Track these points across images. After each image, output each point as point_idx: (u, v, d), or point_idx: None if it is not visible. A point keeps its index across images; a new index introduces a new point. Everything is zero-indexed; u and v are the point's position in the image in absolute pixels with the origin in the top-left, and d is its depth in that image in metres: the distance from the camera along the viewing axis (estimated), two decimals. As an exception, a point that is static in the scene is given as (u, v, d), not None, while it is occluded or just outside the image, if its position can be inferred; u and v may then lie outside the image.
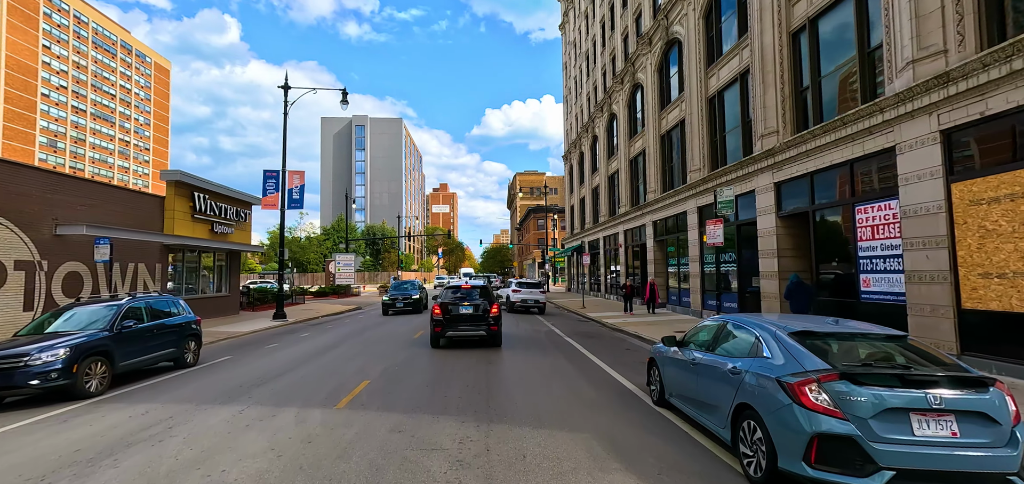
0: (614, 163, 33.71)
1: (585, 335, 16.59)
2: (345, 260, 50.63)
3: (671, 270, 23.76)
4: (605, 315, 22.31)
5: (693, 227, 20.63)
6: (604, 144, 36.05)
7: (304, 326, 20.99)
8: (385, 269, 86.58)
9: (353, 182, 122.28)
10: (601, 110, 36.45)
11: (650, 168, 25.76)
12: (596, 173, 39.00)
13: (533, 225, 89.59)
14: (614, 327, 18.12)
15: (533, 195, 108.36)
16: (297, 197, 23.44)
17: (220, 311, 24.17)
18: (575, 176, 47.35)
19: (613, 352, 12.83)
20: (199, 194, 21.77)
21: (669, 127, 23.97)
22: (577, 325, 19.91)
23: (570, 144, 48.85)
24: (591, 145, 40.72)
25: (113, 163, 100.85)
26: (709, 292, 19.66)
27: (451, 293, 13.52)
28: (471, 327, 13.02)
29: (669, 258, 23.94)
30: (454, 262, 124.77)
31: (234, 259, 25.80)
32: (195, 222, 21.77)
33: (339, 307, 31.42)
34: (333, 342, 15.59)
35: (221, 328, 18.90)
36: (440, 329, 12.96)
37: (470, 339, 13.87)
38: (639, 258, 28.15)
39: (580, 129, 44.30)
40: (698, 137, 20.23)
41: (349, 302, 37.56)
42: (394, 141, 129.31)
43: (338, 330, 19.35)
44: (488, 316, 13.06)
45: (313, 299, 42.36)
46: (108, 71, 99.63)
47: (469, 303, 13.15)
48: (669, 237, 23.94)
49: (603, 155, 36.20)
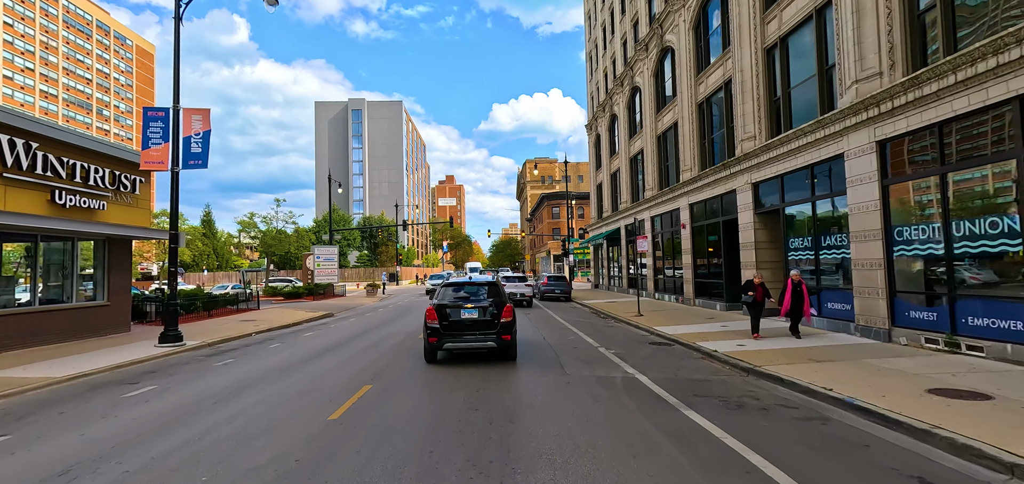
0: (667, 116, 24.71)
1: (720, 405, 7.66)
2: (325, 254, 42.08)
3: (797, 257, 14.78)
4: (694, 331, 13.44)
5: (863, 180, 11.68)
6: (650, 94, 27.01)
7: (208, 355, 12.39)
8: (383, 265, 78.11)
9: (350, 171, 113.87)
10: (645, 49, 27.40)
11: (743, 97, 16.73)
12: (637, 136, 29.98)
13: (547, 213, 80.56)
14: (773, 379, 9.13)
15: (545, 184, 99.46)
16: (199, 150, 14.75)
17: (95, 328, 15.75)
18: (603, 148, 38.33)
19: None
20: (16, 140, 13.13)
21: (800, 20, 15.02)
22: (669, 361, 11.04)
23: (597, 108, 39.77)
24: (628, 101, 31.67)
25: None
26: (909, 294, 10.73)
27: (451, 292, 10.57)
28: (477, 336, 10.02)
29: (794, 237, 14.96)
30: (461, 257, 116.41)
31: (117, 249, 17.24)
32: (7, 185, 13.14)
33: (301, 315, 22.83)
34: (235, 387, 7.36)
35: (36, 370, 10.26)
36: (436, 339, 10.06)
37: (476, 352, 10.81)
38: (720, 241, 19.20)
39: (612, 85, 35.23)
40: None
41: (320, 307, 28.94)
42: (394, 126, 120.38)
43: (263, 360, 11.09)
44: (498, 322, 10.03)
45: (281, 303, 33.85)
46: (82, 53, 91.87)
47: (474, 305, 10.20)
48: (791, 204, 15.00)
49: (649, 109, 27.16)
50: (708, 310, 19.34)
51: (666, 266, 25.40)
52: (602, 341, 13.50)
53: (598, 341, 13.50)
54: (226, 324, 19.32)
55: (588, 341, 13.56)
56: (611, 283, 37.55)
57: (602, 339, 13.88)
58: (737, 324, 14.92)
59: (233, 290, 32.38)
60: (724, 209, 18.89)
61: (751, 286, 12.34)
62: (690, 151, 21.66)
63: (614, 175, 36.59)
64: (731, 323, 15.26)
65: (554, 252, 75.79)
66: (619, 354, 11.38)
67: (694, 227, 21.68)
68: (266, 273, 53.50)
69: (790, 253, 14.95)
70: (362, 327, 18.50)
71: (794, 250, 14.84)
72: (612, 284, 37.16)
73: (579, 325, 17.36)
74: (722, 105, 19.50)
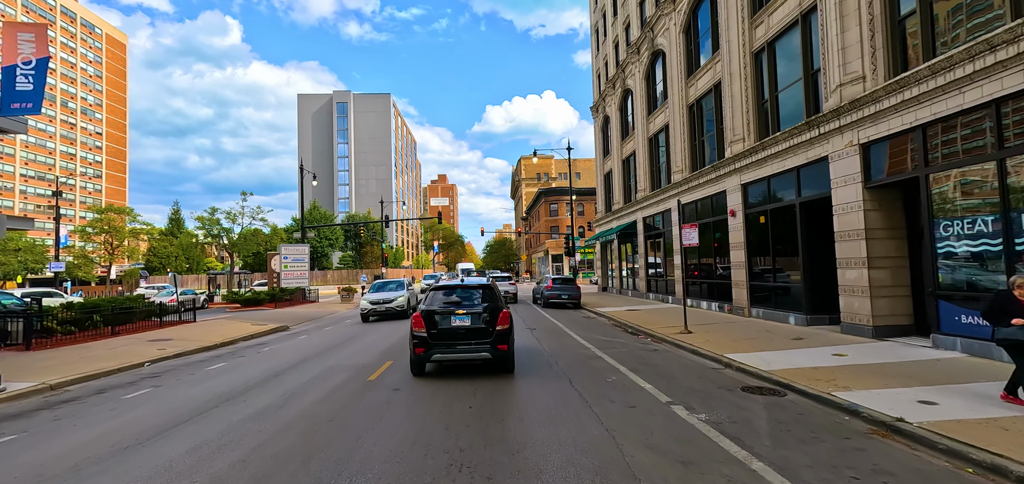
0: (704, 78, 19.72)
1: None
2: (295, 253, 36.83)
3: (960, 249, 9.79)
4: (806, 367, 8.37)
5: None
6: (679, 57, 22.00)
7: (16, 415, 7.15)
8: (368, 265, 72.61)
9: (335, 167, 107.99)
10: (672, 1, 22.43)
11: (837, 28, 11.77)
12: (658, 111, 25.00)
13: (544, 211, 75.53)
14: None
15: (540, 181, 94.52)
16: (28, 87, 9.51)
17: None
18: (613, 131, 33.31)
19: None
20: None
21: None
22: (840, 452, 5.94)
23: (605, 86, 34.75)
24: (647, 70, 26.68)
25: (54, 148, 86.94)
26: None
27: (442, 297, 9.44)
28: (470, 346, 8.91)
29: (959, 217, 9.88)
30: (454, 258, 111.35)
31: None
32: None
33: (242, 330, 17.55)
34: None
35: None
36: (423, 349, 8.98)
37: (469, 364, 9.72)
38: (797, 232, 14.15)
39: (625, 55, 30.22)
40: None
41: (274, 319, 23.72)
42: (382, 120, 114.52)
43: (71, 436, 5.56)
44: (493, 329, 8.93)
45: (235, 312, 28.58)
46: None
47: (466, 311, 9.09)
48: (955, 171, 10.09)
49: (678, 74, 22.15)
50: (778, 324, 14.33)
51: (709, 265, 20.33)
52: (659, 383, 8.40)
53: (653, 383, 8.40)
54: (122, 347, 14.03)
55: (638, 383, 8.45)
56: (623, 286, 32.53)
57: (656, 378, 8.78)
58: (856, 349, 9.86)
59: (164, 296, 26.95)
60: (804, 187, 13.88)
61: (1011, 303, 6.02)
62: (742, 115, 16.66)
63: (626, 161, 31.58)
64: (848, 349, 10.19)
65: (553, 252, 70.72)
66: (711, 421, 6.28)
67: (748, 214, 16.67)
68: (229, 277, 47.86)
69: (943, 245, 9.92)
70: (310, 350, 13.27)
71: (948, 240, 9.81)
72: (624, 287, 32.15)
73: (607, 348, 12.24)
74: (803, 40, 14.54)
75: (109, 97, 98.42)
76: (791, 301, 14.56)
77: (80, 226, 55.21)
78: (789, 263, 14.77)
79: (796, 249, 14.15)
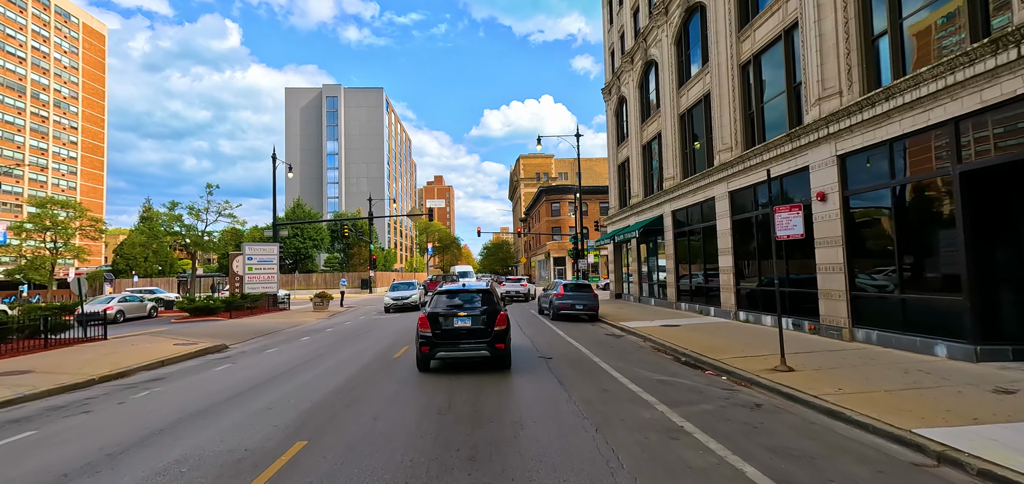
0: (763, 28, 15.03)
1: None
2: (261, 254, 31.95)
3: None
4: None
5: None
6: (728, 6, 17.31)
7: None
8: (355, 268, 67.64)
9: (324, 164, 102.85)
10: (719, -63, 17.80)
11: None
12: (696, 80, 20.30)
13: (545, 210, 70.81)
14: None
15: (540, 181, 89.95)
16: None
17: None
18: (631, 113, 28.61)
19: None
20: None
21: None
22: None
23: (621, 61, 30.02)
24: (677, 35, 22.00)
25: (24, 142, 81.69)
26: None
27: (445, 300, 10.27)
28: (471, 345, 9.79)
29: None
30: (450, 260, 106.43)
31: None
32: None
33: (156, 353, 12.68)
34: None
35: None
36: (428, 348, 9.82)
37: (470, 361, 10.52)
38: (958, 219, 9.42)
39: (647, 22, 25.53)
40: None
41: (216, 334, 18.95)
42: (374, 116, 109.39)
43: None
44: (492, 329, 9.77)
45: (181, 322, 23.81)
46: (14, 28, 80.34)
47: (467, 313, 9.91)
48: None
49: (726, 32, 17.46)
50: (920, 357, 9.60)
51: (769, 268, 15.54)
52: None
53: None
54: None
55: None
56: (642, 292, 27.79)
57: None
58: None
59: (99, 303, 22.05)
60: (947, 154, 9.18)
61: None
62: (817, 68, 11.95)
63: (647, 146, 26.92)
64: None
65: (555, 254, 65.97)
66: None
67: (848, 198, 11.93)
68: (191, 280, 42.84)
69: None
70: (214, 398, 8.36)
71: None
72: (645, 294, 27.41)
73: (676, 403, 7.43)
74: None
75: (86, 89, 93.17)
76: (936, 321, 9.79)
77: (17, 222, 49.96)
78: (953, 256, 10.03)
79: (954, 238, 9.39)
